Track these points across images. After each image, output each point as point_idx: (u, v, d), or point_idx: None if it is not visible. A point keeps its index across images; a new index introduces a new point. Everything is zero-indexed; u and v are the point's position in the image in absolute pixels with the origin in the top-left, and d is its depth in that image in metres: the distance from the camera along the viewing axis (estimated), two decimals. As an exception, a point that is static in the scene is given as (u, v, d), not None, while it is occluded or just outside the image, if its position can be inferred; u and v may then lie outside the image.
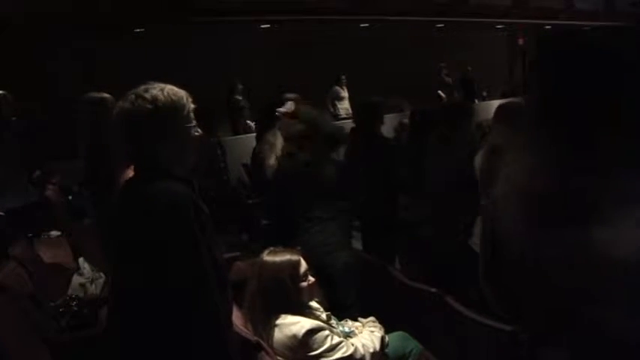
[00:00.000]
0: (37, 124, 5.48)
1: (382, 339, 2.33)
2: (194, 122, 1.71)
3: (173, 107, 1.65)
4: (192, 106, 1.71)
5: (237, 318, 2.11)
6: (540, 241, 1.16)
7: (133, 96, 1.65)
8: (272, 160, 3.15)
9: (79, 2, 7.17)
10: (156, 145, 1.64)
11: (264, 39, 10.35)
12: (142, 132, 1.63)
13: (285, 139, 3.12)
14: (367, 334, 2.33)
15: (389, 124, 6.60)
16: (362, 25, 11.27)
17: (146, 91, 1.65)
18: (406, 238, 3.66)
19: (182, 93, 1.70)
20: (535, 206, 1.15)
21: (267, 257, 2.30)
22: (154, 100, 1.63)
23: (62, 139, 6.36)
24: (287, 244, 2.42)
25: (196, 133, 1.71)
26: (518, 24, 12.88)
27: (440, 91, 11.36)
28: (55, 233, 4.70)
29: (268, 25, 10.18)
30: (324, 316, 2.33)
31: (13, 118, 4.65)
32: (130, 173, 1.74)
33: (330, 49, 10.53)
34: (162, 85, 1.68)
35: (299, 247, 2.42)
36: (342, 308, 2.65)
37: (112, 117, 1.70)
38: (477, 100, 11.45)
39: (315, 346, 2.14)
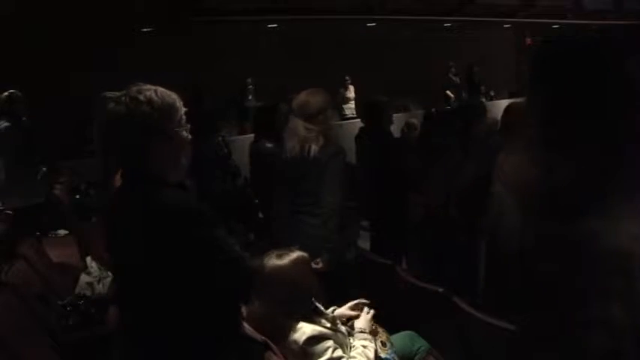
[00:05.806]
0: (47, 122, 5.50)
1: (375, 352, 2.22)
2: (187, 125, 1.64)
3: (167, 110, 1.58)
4: (183, 109, 1.63)
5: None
6: (533, 236, 1.16)
7: (126, 97, 1.56)
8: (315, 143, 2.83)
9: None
10: (149, 148, 1.56)
11: (271, 39, 10.35)
12: (135, 135, 1.55)
13: (306, 118, 2.91)
14: (360, 350, 2.18)
15: (395, 124, 6.60)
16: (369, 24, 11.26)
17: (139, 92, 1.57)
18: (415, 237, 3.65)
19: (174, 96, 1.63)
20: (533, 202, 1.15)
21: (279, 261, 2.18)
22: (149, 101, 1.55)
23: (71, 138, 6.41)
24: (284, 239, 2.35)
25: (188, 137, 1.64)
26: (526, 23, 12.81)
27: (448, 91, 11.32)
28: (62, 232, 4.73)
29: (275, 25, 10.19)
30: (329, 320, 2.23)
31: (24, 118, 4.66)
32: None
33: (337, 48, 10.52)
34: (154, 87, 1.60)
35: (297, 246, 2.32)
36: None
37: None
38: (483, 100, 11.39)
39: (315, 356, 2.05)
